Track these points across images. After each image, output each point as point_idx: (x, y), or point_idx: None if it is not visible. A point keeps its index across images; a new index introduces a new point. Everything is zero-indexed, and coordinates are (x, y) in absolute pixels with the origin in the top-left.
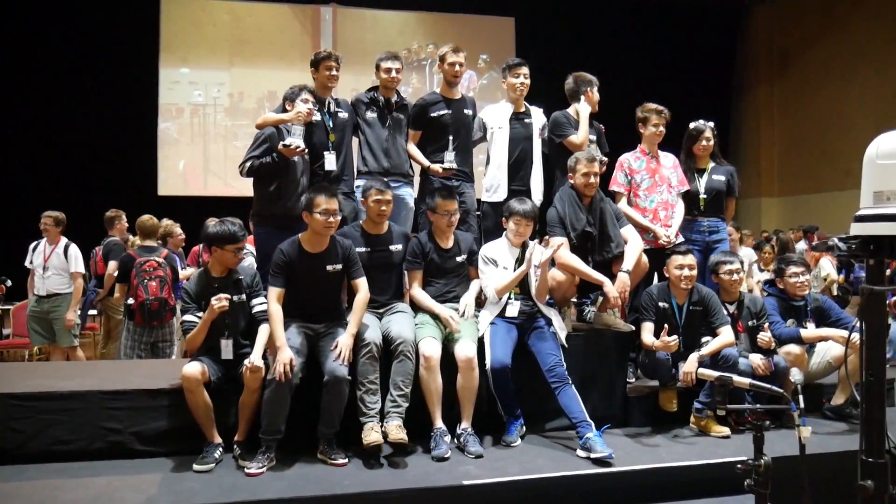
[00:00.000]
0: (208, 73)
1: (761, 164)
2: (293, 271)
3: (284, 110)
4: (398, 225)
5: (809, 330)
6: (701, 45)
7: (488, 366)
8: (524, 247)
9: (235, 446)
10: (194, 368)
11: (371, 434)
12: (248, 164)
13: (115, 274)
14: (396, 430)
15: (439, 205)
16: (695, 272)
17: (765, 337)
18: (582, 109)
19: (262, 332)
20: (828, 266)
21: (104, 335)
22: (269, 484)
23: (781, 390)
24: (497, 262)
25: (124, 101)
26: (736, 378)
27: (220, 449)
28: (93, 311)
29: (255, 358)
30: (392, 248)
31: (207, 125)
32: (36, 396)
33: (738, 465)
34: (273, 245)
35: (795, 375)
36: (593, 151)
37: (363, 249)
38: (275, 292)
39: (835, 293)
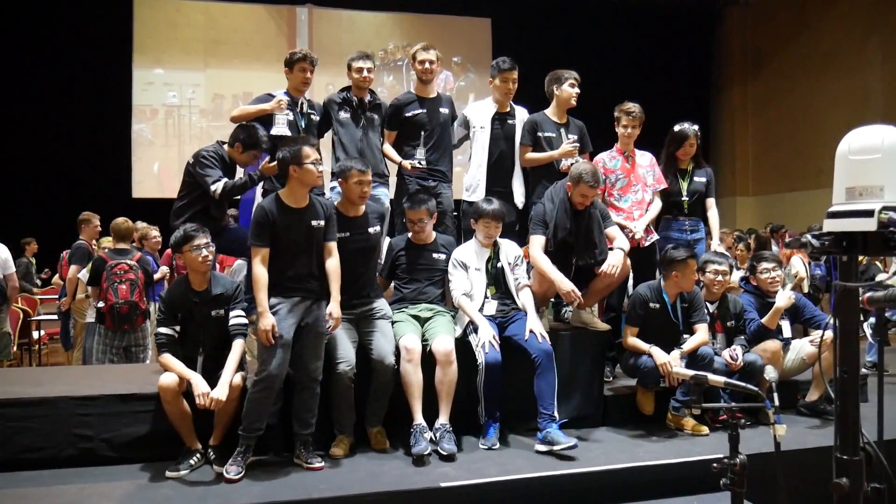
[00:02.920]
0: (183, 74)
1: (736, 164)
2: (275, 228)
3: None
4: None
5: (767, 316)
6: (677, 46)
7: (480, 362)
8: (495, 246)
9: (210, 450)
10: (170, 379)
11: (341, 447)
12: (220, 184)
13: (77, 278)
14: (377, 436)
15: (406, 212)
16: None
17: (731, 360)
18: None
19: (236, 348)
20: (798, 264)
21: (73, 340)
22: (244, 489)
23: (756, 389)
24: (467, 266)
25: (97, 103)
26: (711, 377)
27: (198, 455)
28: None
29: (219, 390)
30: (371, 230)
31: (182, 127)
32: (2, 403)
33: (714, 464)
34: None
35: (770, 373)
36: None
37: (342, 234)
38: (259, 253)
39: (805, 290)
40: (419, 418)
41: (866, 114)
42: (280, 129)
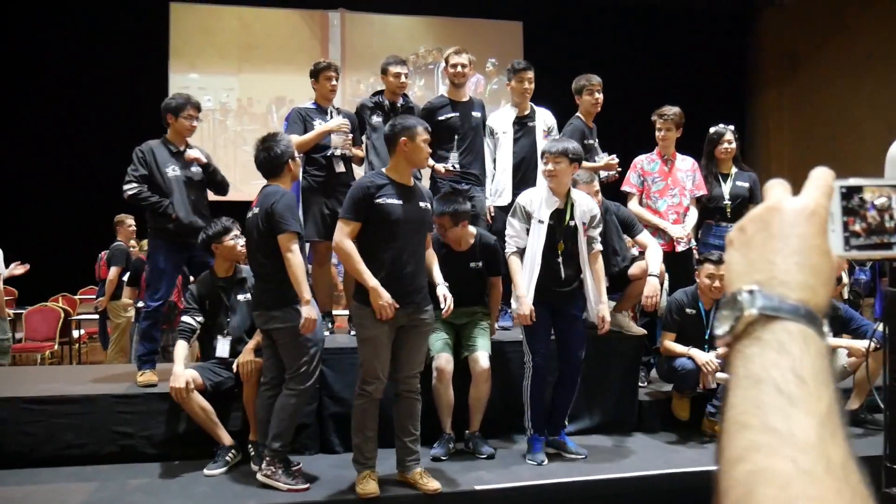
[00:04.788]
0: (217, 78)
1: (771, 167)
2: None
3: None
4: None
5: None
6: (711, 48)
7: (528, 363)
8: (569, 198)
9: (250, 447)
10: (178, 383)
11: (369, 483)
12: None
13: (115, 279)
14: (424, 478)
15: (435, 220)
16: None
17: None
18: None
19: (258, 335)
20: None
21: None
22: None
23: None
24: (531, 217)
25: (134, 107)
26: None
27: (233, 451)
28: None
29: (244, 354)
30: (422, 204)
31: (217, 131)
32: (48, 400)
33: None
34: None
35: None
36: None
37: (398, 202)
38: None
39: (845, 297)
40: (448, 429)
41: None
42: (339, 150)
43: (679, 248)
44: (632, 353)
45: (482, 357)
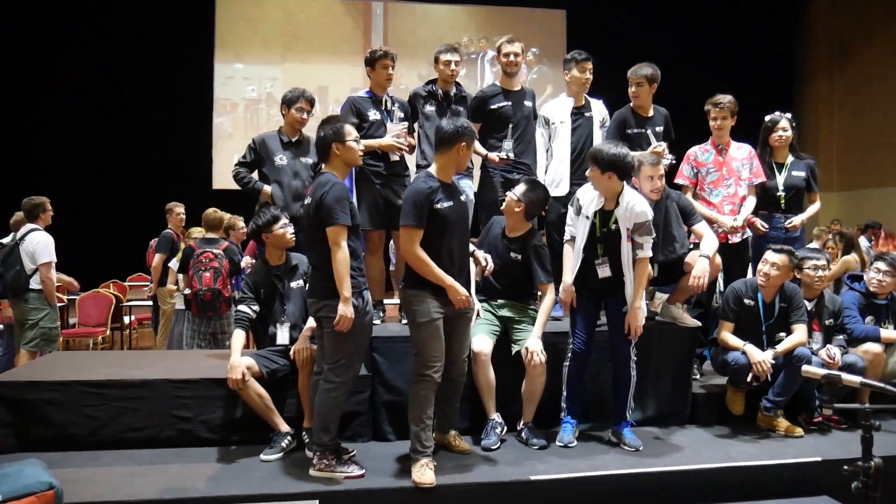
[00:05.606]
0: (261, 68)
1: (820, 157)
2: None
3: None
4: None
5: (889, 331)
6: (760, 36)
7: (569, 346)
8: (618, 202)
9: (304, 433)
10: (235, 374)
11: (426, 472)
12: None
13: (169, 266)
14: (457, 440)
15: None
16: (774, 272)
17: (829, 360)
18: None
19: (312, 321)
20: None
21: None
22: None
23: None
24: (581, 210)
25: (181, 97)
26: (845, 376)
27: (289, 437)
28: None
29: (300, 341)
30: (463, 197)
31: (260, 120)
32: (108, 384)
33: (846, 467)
34: None
35: None
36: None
37: (449, 203)
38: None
39: None
40: (493, 414)
41: None
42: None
43: (733, 240)
44: (685, 345)
45: (535, 344)
